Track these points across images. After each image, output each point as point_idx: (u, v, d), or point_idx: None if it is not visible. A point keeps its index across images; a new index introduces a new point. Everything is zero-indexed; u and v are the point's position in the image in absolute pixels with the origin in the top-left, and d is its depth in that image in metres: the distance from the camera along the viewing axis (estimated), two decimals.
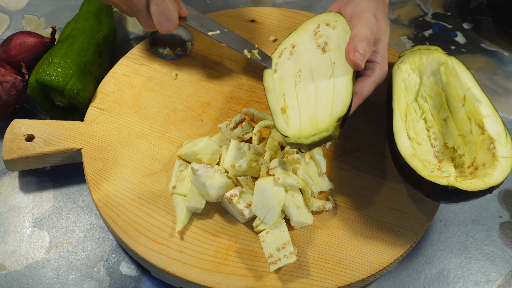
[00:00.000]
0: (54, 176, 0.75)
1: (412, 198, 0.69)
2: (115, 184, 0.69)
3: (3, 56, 0.81)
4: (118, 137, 0.74)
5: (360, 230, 0.67)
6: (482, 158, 0.64)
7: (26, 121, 0.74)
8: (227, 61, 0.83)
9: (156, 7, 0.72)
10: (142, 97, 0.78)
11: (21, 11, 0.96)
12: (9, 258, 0.68)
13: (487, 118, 0.65)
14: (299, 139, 0.62)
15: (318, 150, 0.69)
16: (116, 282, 0.66)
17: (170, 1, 0.72)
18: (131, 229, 0.65)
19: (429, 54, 0.73)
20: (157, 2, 0.72)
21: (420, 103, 0.73)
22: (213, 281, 0.62)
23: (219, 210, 0.68)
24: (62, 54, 0.76)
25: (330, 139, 0.61)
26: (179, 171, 0.69)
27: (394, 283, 0.67)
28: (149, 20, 0.74)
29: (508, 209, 0.74)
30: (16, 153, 0.71)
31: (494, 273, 0.68)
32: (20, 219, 0.71)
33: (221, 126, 0.73)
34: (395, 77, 0.71)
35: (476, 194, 0.60)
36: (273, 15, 0.89)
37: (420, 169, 0.62)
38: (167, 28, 0.74)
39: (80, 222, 0.71)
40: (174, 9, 0.73)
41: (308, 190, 0.66)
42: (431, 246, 0.70)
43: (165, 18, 0.73)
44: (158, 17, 0.73)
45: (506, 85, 0.88)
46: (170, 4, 0.72)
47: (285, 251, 0.62)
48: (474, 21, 0.97)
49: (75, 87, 0.74)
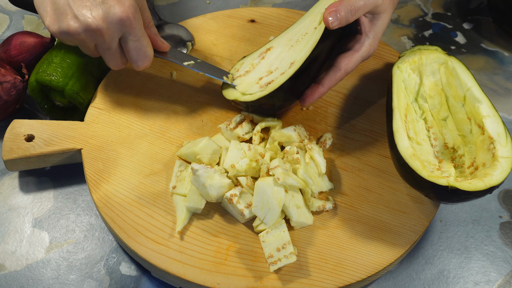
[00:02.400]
0: (54, 176, 0.75)
1: (412, 198, 0.69)
2: (115, 184, 0.69)
3: (3, 56, 0.81)
4: (118, 137, 0.74)
5: (360, 230, 0.67)
6: (482, 158, 0.64)
7: (26, 121, 0.74)
8: (227, 61, 0.83)
9: (133, 43, 0.67)
10: (142, 97, 0.78)
11: (21, 11, 0.96)
12: (9, 258, 0.68)
13: (487, 118, 0.65)
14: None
15: (318, 151, 0.69)
16: (116, 282, 0.66)
17: (146, 37, 0.69)
18: (131, 229, 0.65)
19: (429, 54, 0.73)
20: (134, 38, 0.67)
21: (420, 103, 0.73)
22: (213, 281, 0.62)
23: (219, 210, 0.68)
24: (62, 54, 0.76)
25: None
26: (179, 171, 0.69)
27: (394, 283, 0.67)
28: (118, 58, 0.69)
29: (508, 209, 0.74)
30: (16, 153, 0.71)
31: (494, 273, 0.68)
32: (20, 219, 0.71)
33: (221, 127, 0.73)
34: (395, 77, 0.71)
35: (476, 194, 0.60)
36: (273, 15, 0.89)
37: (420, 169, 0.62)
38: (144, 65, 0.70)
39: (80, 222, 0.71)
40: (149, 44, 0.70)
41: (308, 190, 0.66)
42: (431, 246, 0.70)
43: (143, 55, 0.69)
44: (136, 54, 0.68)
45: (506, 85, 0.88)
46: (146, 40, 0.69)
47: (285, 251, 0.62)
48: (474, 21, 0.97)
49: (75, 87, 0.74)
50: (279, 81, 0.69)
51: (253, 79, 0.73)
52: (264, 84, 0.71)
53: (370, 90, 0.80)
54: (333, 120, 0.77)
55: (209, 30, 0.87)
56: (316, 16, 0.73)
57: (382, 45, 0.85)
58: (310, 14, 0.74)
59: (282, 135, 0.71)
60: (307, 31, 0.72)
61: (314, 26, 0.71)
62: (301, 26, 0.74)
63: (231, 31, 0.87)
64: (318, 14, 0.72)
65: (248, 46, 0.85)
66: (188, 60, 0.76)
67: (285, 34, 0.75)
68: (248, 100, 0.71)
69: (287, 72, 0.69)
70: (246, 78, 0.74)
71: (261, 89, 0.71)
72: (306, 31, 0.72)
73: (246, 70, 0.75)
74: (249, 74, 0.74)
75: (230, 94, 0.73)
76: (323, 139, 0.73)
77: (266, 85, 0.70)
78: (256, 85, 0.72)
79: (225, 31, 0.86)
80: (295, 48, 0.72)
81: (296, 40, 0.73)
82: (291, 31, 0.75)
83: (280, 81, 0.69)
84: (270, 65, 0.73)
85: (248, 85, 0.73)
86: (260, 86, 0.71)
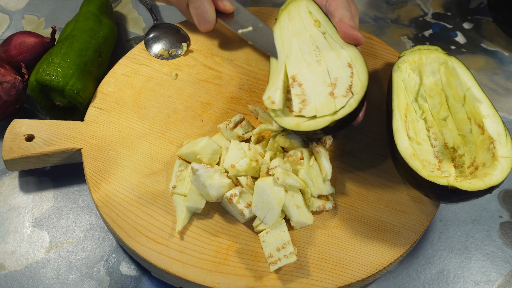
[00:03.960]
0: (54, 176, 0.75)
1: (412, 198, 0.69)
2: (115, 184, 0.69)
3: (3, 56, 0.81)
4: (118, 137, 0.74)
5: (360, 230, 0.67)
6: (482, 158, 0.64)
7: (26, 121, 0.74)
8: (227, 61, 0.83)
9: (194, 9, 0.76)
10: (142, 97, 0.78)
11: (21, 11, 0.96)
12: (9, 258, 0.68)
13: (487, 118, 0.65)
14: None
15: (325, 155, 0.69)
16: (116, 282, 0.66)
17: (208, 2, 0.76)
18: (131, 229, 0.65)
19: (429, 54, 0.73)
20: (195, 5, 0.75)
21: (420, 103, 0.73)
22: (213, 281, 0.62)
23: (219, 210, 0.68)
24: (62, 54, 0.76)
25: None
26: (179, 171, 0.69)
27: (394, 283, 0.67)
28: (191, 18, 0.79)
29: (508, 209, 0.74)
30: (16, 153, 0.71)
31: (494, 273, 0.68)
32: (20, 219, 0.71)
33: (221, 127, 0.73)
34: (395, 77, 0.71)
35: (476, 194, 0.60)
36: (273, 15, 0.89)
37: (420, 169, 0.62)
38: (206, 29, 0.79)
39: (80, 222, 0.71)
40: (211, 9, 0.77)
41: (308, 190, 0.66)
42: (431, 246, 0.70)
43: (203, 20, 0.77)
44: (197, 19, 0.77)
45: (506, 85, 0.88)
46: (208, 5, 0.76)
47: (285, 251, 0.62)
48: (474, 21, 0.97)
49: (75, 87, 0.75)
50: (363, 77, 0.65)
51: (324, 99, 0.65)
52: (346, 92, 0.65)
53: (370, 90, 0.79)
54: None
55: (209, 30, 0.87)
56: (300, 30, 0.73)
57: (382, 45, 0.85)
58: (285, 36, 0.74)
59: (286, 141, 0.70)
60: (315, 44, 0.71)
61: (320, 37, 0.71)
62: (296, 47, 0.72)
63: (231, 31, 0.87)
64: (303, 26, 0.73)
65: (248, 46, 0.85)
66: (247, 26, 0.76)
67: (288, 61, 0.71)
68: (349, 111, 0.63)
69: (359, 69, 0.66)
70: (315, 104, 0.66)
71: (349, 97, 0.64)
72: (315, 44, 0.71)
73: (301, 101, 0.67)
74: (310, 101, 0.66)
75: (317, 124, 0.64)
76: (323, 139, 0.73)
77: (350, 91, 0.64)
78: (338, 99, 0.65)
79: (225, 31, 0.86)
80: (327, 57, 0.69)
81: (315, 55, 0.70)
82: (292, 57, 0.71)
83: (364, 77, 0.64)
84: (322, 81, 0.67)
85: (328, 105, 0.65)
86: (344, 96, 0.64)
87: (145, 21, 0.95)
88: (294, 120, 0.65)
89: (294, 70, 0.70)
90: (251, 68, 0.82)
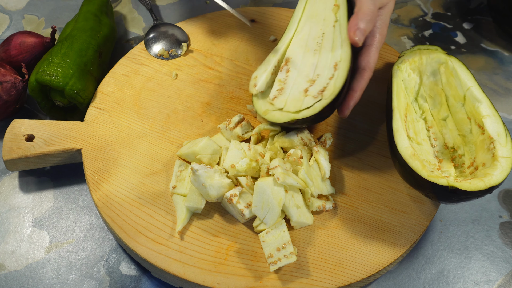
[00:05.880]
0: (54, 176, 0.75)
1: (412, 198, 0.69)
2: (115, 184, 0.69)
3: (3, 56, 0.81)
4: (118, 137, 0.74)
5: (360, 230, 0.67)
6: (482, 158, 0.64)
7: (26, 121, 0.74)
8: (227, 61, 0.83)
9: None
10: (142, 97, 0.78)
11: (21, 11, 0.96)
12: (9, 258, 0.68)
13: (487, 118, 0.65)
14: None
15: (324, 155, 0.69)
16: (116, 282, 0.66)
17: None
18: (131, 229, 0.65)
19: (429, 54, 0.73)
20: None
21: (420, 103, 0.73)
22: (213, 281, 0.62)
23: (219, 210, 0.68)
24: (62, 54, 0.76)
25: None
26: (179, 171, 0.69)
27: (394, 283, 0.67)
28: None
29: (508, 209, 0.74)
30: (16, 153, 0.71)
31: (494, 273, 0.68)
32: (20, 219, 0.71)
33: (221, 126, 0.73)
34: (395, 77, 0.71)
35: (476, 194, 0.60)
36: (273, 15, 0.89)
37: (420, 169, 0.62)
38: None
39: (80, 222, 0.71)
40: None
41: (308, 190, 0.66)
42: (431, 246, 0.70)
43: None
44: None
45: (506, 85, 0.88)
46: None
47: (285, 251, 0.62)
48: (474, 21, 0.97)
49: (75, 87, 0.75)
50: (338, 83, 0.64)
51: (297, 93, 0.67)
52: (317, 93, 0.65)
53: (370, 90, 0.80)
54: (333, 120, 0.77)
55: (209, 30, 0.87)
56: (320, 10, 0.70)
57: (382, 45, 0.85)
58: (307, 11, 0.71)
59: (284, 141, 0.70)
60: (323, 30, 0.69)
61: (330, 24, 0.68)
62: (308, 27, 0.71)
63: (231, 31, 0.87)
64: (323, 8, 0.70)
65: (248, 46, 0.85)
66: None
67: (294, 39, 0.71)
68: (310, 114, 0.64)
69: (340, 73, 0.65)
70: (287, 96, 0.67)
71: (317, 99, 0.65)
72: (322, 30, 0.69)
73: (278, 89, 0.68)
74: (286, 91, 0.68)
75: (279, 117, 0.67)
76: (323, 139, 0.73)
77: (321, 93, 0.65)
78: (307, 98, 0.66)
79: (225, 31, 0.86)
80: (324, 49, 0.68)
81: (316, 42, 0.69)
82: (300, 35, 0.71)
83: (340, 83, 0.64)
84: (306, 74, 0.68)
85: (296, 101, 0.66)
86: (314, 96, 0.65)
87: (145, 21, 0.95)
88: (265, 106, 0.68)
89: (293, 51, 0.70)
90: (251, 68, 0.82)
